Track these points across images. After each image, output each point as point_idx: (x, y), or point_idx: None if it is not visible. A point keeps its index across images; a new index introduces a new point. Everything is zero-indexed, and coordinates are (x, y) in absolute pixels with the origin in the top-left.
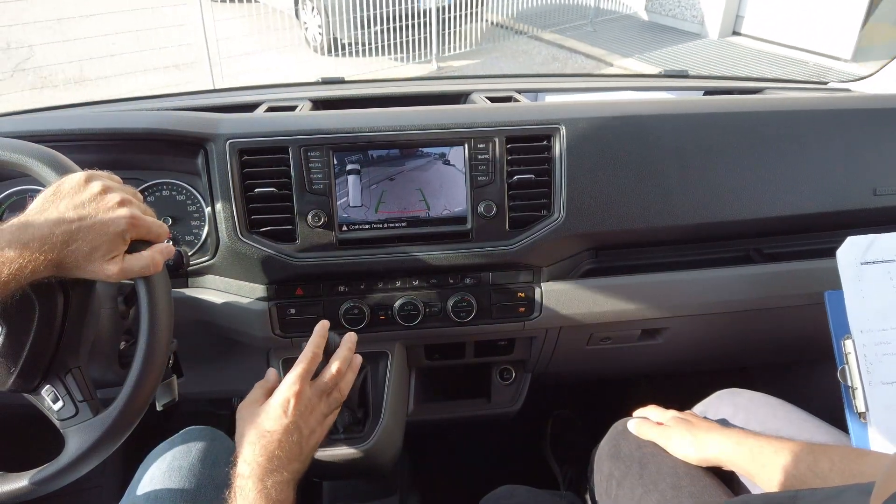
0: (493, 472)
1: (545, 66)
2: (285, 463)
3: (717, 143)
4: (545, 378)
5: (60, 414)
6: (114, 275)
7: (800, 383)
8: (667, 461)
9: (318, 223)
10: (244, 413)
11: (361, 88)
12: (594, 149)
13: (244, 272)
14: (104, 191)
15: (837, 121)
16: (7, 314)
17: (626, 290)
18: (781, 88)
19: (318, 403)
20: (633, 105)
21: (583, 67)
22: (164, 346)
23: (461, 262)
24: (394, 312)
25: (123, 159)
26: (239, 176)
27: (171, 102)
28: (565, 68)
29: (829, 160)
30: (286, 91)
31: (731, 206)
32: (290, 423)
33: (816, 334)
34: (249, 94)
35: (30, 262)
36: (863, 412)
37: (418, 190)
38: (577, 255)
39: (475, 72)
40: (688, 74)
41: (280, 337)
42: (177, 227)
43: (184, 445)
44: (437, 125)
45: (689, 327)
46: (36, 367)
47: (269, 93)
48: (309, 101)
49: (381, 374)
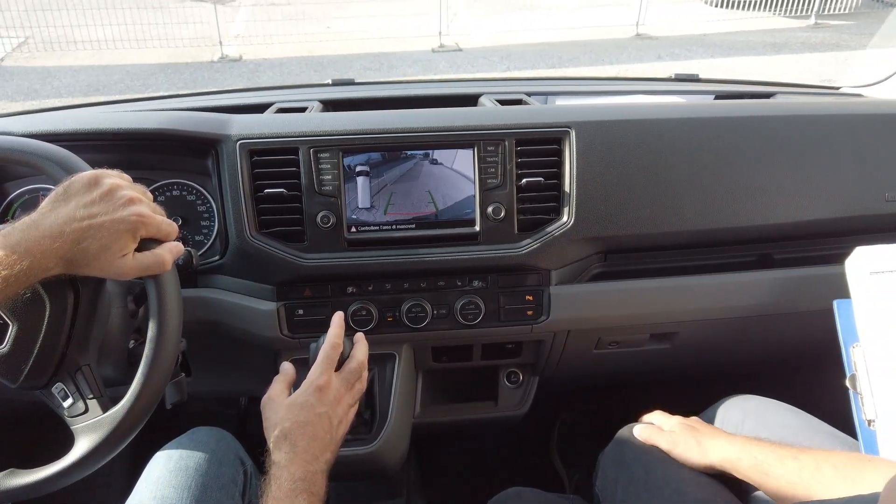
0: (499, 475)
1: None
2: (318, 453)
3: (727, 148)
4: (553, 381)
5: (70, 411)
6: (123, 273)
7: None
8: (672, 467)
9: (327, 224)
10: (273, 406)
11: (371, 90)
12: (604, 152)
13: (253, 272)
14: (114, 189)
15: (849, 126)
16: (18, 311)
17: (636, 295)
18: (793, 93)
19: (345, 393)
20: (643, 109)
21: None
22: (173, 345)
23: (469, 264)
24: (401, 314)
25: (134, 159)
26: (249, 176)
27: (181, 103)
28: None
29: (840, 165)
30: (296, 92)
31: (742, 211)
32: (321, 413)
33: (825, 340)
34: (260, 95)
35: (40, 259)
36: (872, 419)
37: (427, 192)
38: (585, 258)
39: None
40: (699, 78)
41: (288, 338)
42: (187, 227)
43: (190, 445)
44: (446, 127)
45: (699, 332)
46: (46, 364)
47: (280, 94)
48: (319, 103)
49: (389, 376)
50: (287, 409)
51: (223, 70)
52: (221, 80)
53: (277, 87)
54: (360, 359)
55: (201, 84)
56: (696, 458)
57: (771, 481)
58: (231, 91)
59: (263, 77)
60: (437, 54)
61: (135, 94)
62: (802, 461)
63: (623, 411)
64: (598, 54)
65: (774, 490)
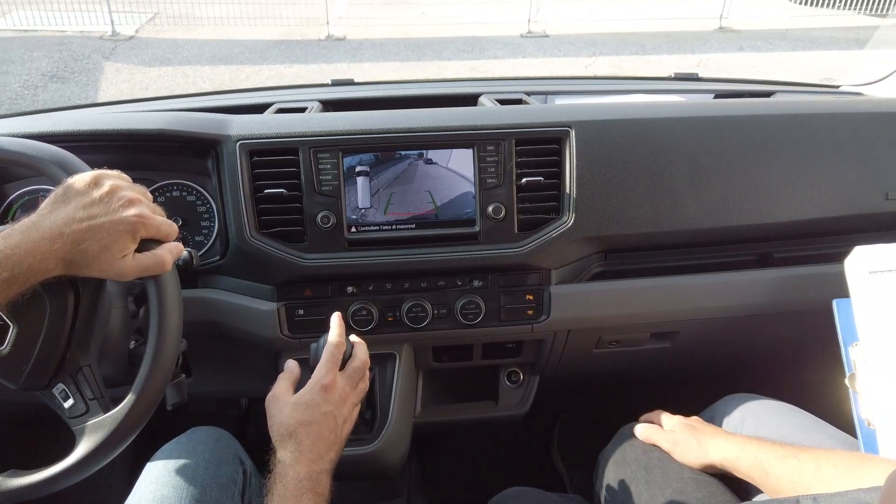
0: (500, 475)
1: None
2: (323, 453)
3: (727, 147)
4: (553, 381)
5: (71, 411)
6: (123, 273)
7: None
8: (673, 466)
9: (327, 224)
10: (278, 404)
11: (371, 90)
12: (604, 152)
13: (253, 273)
14: (114, 190)
15: (849, 124)
16: (18, 312)
17: (636, 294)
18: (792, 91)
19: (349, 392)
20: (643, 108)
21: None
22: (173, 346)
23: (469, 264)
24: (402, 314)
25: (134, 160)
26: (249, 177)
27: (181, 103)
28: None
29: (840, 164)
30: (296, 92)
31: (742, 210)
32: (327, 412)
33: (825, 339)
34: (259, 96)
35: (40, 260)
36: (871, 419)
37: (427, 192)
38: (586, 258)
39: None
40: (698, 77)
41: (288, 338)
42: (187, 228)
43: (189, 445)
44: (446, 127)
45: (699, 331)
46: (47, 364)
47: (279, 94)
48: (319, 103)
49: (389, 376)
50: (292, 408)
51: (330, 47)
52: (328, 56)
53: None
54: (363, 357)
55: (312, 59)
56: (697, 457)
57: (771, 480)
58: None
59: (366, 54)
60: (526, 39)
61: (254, 65)
62: (802, 460)
63: (623, 411)
64: (679, 44)
65: (775, 489)
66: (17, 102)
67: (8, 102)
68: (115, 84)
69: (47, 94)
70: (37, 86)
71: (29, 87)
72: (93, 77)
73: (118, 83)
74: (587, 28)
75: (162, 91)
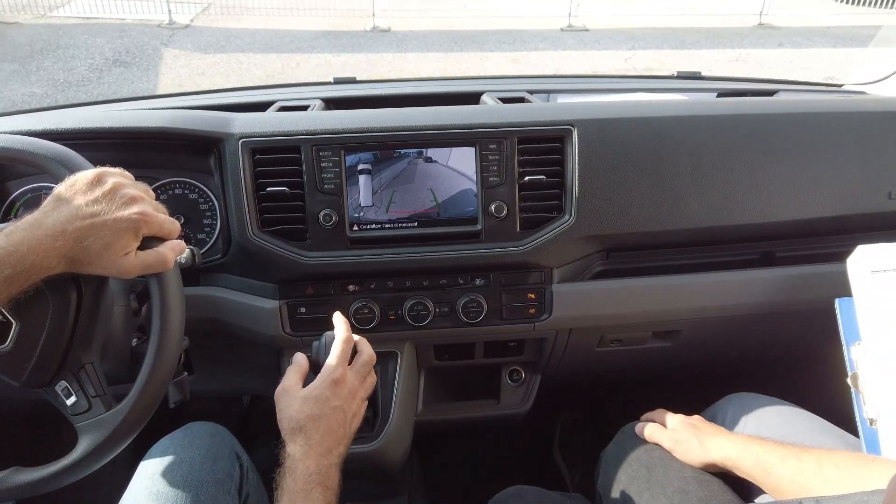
0: (501, 473)
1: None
2: (332, 446)
3: (730, 146)
4: (555, 380)
5: (73, 409)
6: (126, 271)
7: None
8: (674, 465)
9: (329, 223)
10: (288, 398)
11: (373, 88)
12: (606, 150)
13: (255, 271)
14: (116, 188)
15: (852, 123)
16: (21, 310)
17: (638, 293)
18: (795, 90)
19: (358, 387)
20: (645, 106)
21: None
22: (175, 343)
23: (471, 262)
24: (404, 312)
25: (137, 158)
26: (251, 175)
27: (183, 101)
28: None
29: (843, 163)
30: (298, 90)
31: (744, 209)
32: (336, 407)
33: (827, 339)
34: (261, 94)
35: (43, 258)
36: (873, 418)
37: (429, 190)
38: (588, 256)
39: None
40: (701, 76)
41: (290, 336)
42: (189, 226)
43: (185, 440)
44: (448, 125)
45: (701, 330)
46: (50, 362)
47: (281, 92)
48: (321, 101)
49: (391, 374)
50: (302, 402)
51: (375, 38)
52: (374, 46)
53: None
54: (370, 351)
55: (358, 49)
56: (698, 456)
57: (773, 480)
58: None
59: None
60: (566, 33)
61: (304, 54)
62: (804, 460)
63: (625, 409)
64: (719, 40)
65: (776, 489)
66: (83, 85)
67: (76, 84)
68: (174, 69)
69: (111, 77)
70: (101, 69)
71: (94, 70)
72: (153, 62)
73: (177, 68)
74: (627, 23)
75: (219, 76)
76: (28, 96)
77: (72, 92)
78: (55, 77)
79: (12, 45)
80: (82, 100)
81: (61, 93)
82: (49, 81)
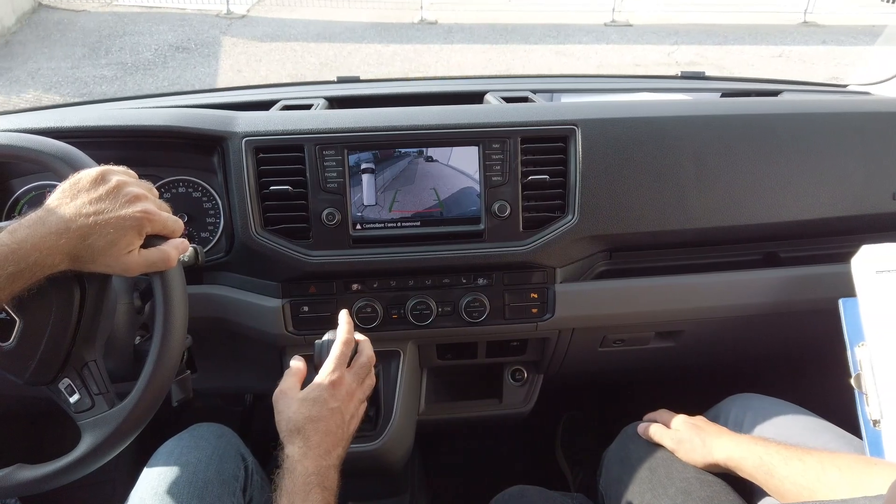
0: (503, 473)
1: None
2: (331, 448)
3: (733, 146)
4: (557, 379)
5: (76, 406)
6: (129, 269)
7: (814, 388)
8: (676, 465)
9: (332, 221)
10: (286, 400)
11: (376, 87)
12: (610, 150)
13: (258, 269)
14: (120, 186)
15: (856, 124)
16: (24, 307)
17: (641, 293)
18: (799, 90)
19: (356, 389)
20: (649, 106)
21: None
22: (178, 341)
23: (474, 262)
24: (406, 311)
25: (140, 156)
26: (254, 173)
27: (187, 100)
28: None
29: (847, 164)
30: (302, 89)
31: (748, 210)
32: (334, 408)
33: (831, 339)
34: (265, 93)
35: (46, 255)
36: (877, 419)
37: (432, 189)
38: (591, 256)
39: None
40: (705, 76)
41: (293, 334)
42: (192, 224)
43: (192, 441)
44: (451, 125)
45: (704, 330)
46: (53, 359)
47: (285, 91)
48: (324, 100)
49: (393, 373)
50: (300, 404)
51: (423, 30)
52: (421, 38)
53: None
54: (369, 353)
55: (406, 40)
56: (701, 456)
57: (775, 482)
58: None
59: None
60: (609, 28)
61: (355, 44)
62: (807, 462)
63: (627, 409)
64: (762, 36)
65: (779, 490)
66: (150, 69)
67: (143, 68)
68: (232, 56)
69: (175, 62)
70: (165, 54)
71: (159, 56)
72: (213, 49)
73: (235, 55)
74: (670, 19)
75: (275, 62)
76: (99, 78)
77: (139, 75)
78: (123, 61)
79: (82, 31)
80: (149, 81)
81: (130, 76)
82: (118, 65)
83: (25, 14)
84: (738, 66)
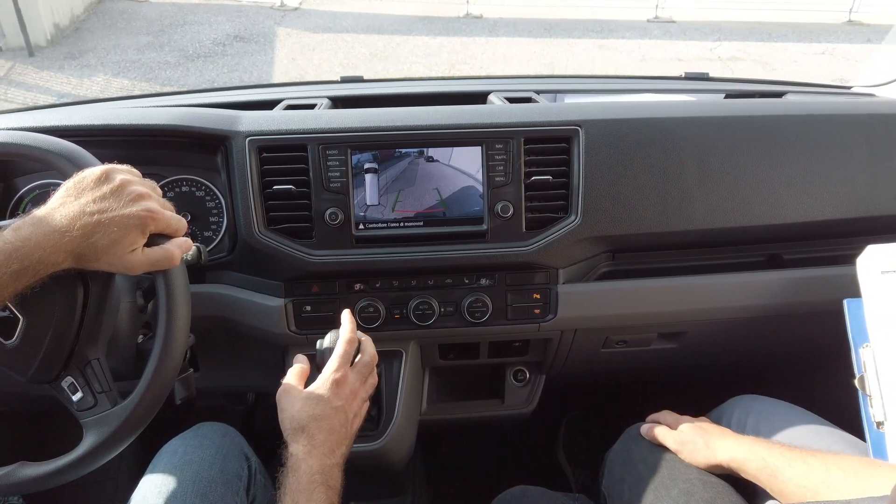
0: (505, 473)
1: None
2: (334, 447)
3: (737, 147)
4: (560, 380)
5: (79, 405)
6: (132, 267)
7: (817, 390)
8: (679, 466)
9: (335, 221)
10: (290, 398)
11: (380, 87)
12: (613, 151)
13: (261, 269)
14: (124, 184)
15: (860, 125)
16: (28, 305)
17: (644, 294)
18: (804, 92)
19: (360, 387)
20: (653, 107)
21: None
22: (181, 340)
23: (477, 262)
24: (409, 311)
25: (144, 155)
26: (258, 173)
27: (190, 99)
28: None
29: (851, 165)
30: (305, 89)
31: (751, 211)
32: (338, 407)
33: (835, 341)
34: (269, 92)
35: (50, 254)
36: (881, 421)
37: (435, 189)
38: (593, 257)
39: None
40: (709, 77)
41: (295, 334)
42: (195, 223)
43: (195, 440)
44: (455, 125)
45: (707, 332)
46: (56, 357)
47: (288, 91)
48: (328, 100)
49: (395, 373)
50: (304, 402)
51: (468, 24)
52: (467, 31)
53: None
54: (372, 352)
55: (452, 33)
56: (704, 458)
57: (779, 483)
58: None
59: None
60: (652, 24)
61: (403, 35)
62: (811, 464)
63: (630, 410)
64: (806, 34)
65: (782, 492)
66: (210, 56)
67: (203, 55)
68: (286, 45)
69: (233, 50)
70: (224, 43)
71: (218, 44)
72: (269, 39)
73: (289, 45)
74: (713, 16)
75: (328, 52)
76: (162, 64)
77: (200, 62)
78: (184, 48)
79: (145, 20)
80: (209, 68)
81: (191, 62)
82: (179, 52)
83: (93, 3)
84: (782, 62)
